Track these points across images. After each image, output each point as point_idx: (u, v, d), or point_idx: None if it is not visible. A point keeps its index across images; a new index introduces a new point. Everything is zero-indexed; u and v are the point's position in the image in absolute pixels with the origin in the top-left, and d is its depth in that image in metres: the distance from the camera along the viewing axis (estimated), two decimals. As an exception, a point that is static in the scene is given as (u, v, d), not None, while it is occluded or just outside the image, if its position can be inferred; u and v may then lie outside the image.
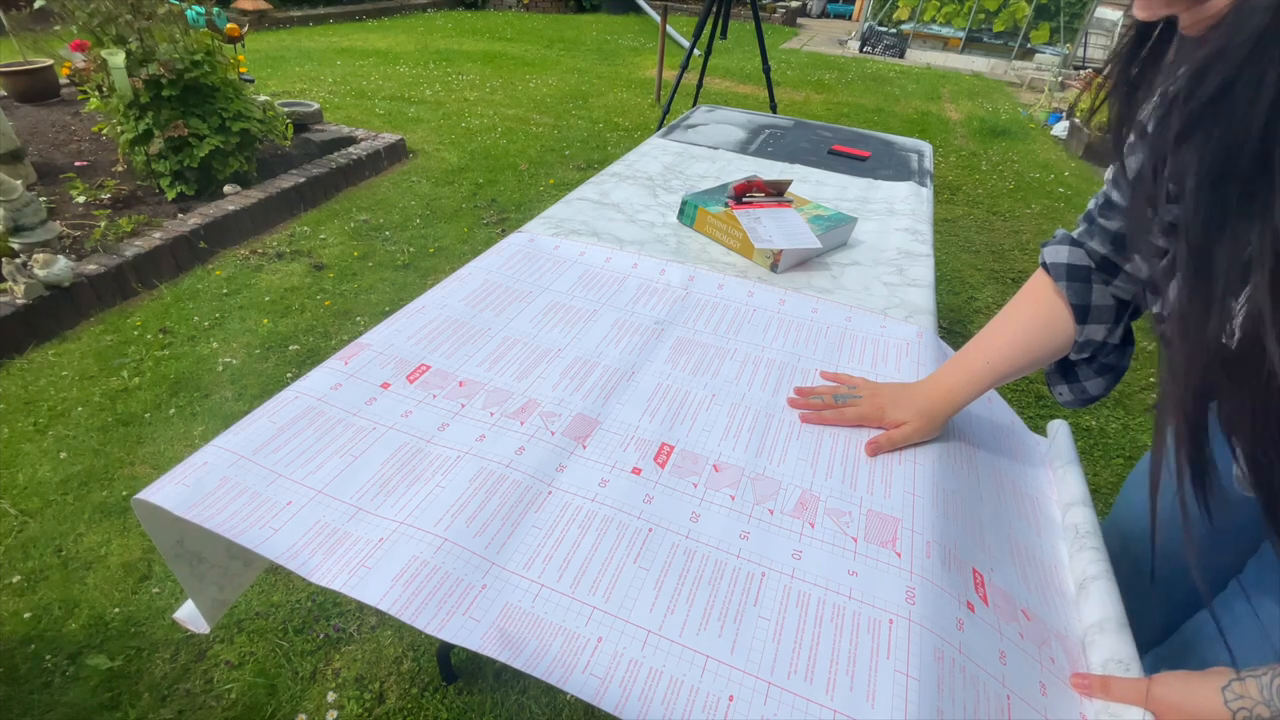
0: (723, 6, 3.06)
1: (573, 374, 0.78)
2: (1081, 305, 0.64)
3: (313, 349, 2.00)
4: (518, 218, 2.88)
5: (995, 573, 0.61)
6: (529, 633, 0.50)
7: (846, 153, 1.60)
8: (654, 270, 1.01)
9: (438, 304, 0.87)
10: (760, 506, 0.63)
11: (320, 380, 0.72)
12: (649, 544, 0.58)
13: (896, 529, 0.61)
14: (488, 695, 1.17)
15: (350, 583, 0.51)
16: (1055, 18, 7.31)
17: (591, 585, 0.54)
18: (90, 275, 2.05)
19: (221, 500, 0.57)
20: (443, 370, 0.76)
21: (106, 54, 2.28)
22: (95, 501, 1.46)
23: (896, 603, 0.54)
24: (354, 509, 0.58)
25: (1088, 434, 1.89)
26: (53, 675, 1.15)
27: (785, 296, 0.97)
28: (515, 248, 1.04)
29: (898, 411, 0.71)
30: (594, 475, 0.64)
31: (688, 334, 0.88)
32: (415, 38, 6.44)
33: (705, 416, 0.74)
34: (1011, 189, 3.71)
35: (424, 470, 0.63)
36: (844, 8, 10.24)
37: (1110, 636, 0.56)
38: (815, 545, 0.59)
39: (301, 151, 3.14)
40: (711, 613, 0.53)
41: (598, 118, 4.39)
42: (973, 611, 0.56)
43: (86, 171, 2.71)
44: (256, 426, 0.65)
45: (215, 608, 0.66)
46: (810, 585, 0.55)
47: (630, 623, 0.51)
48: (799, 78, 6.06)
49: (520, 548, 0.56)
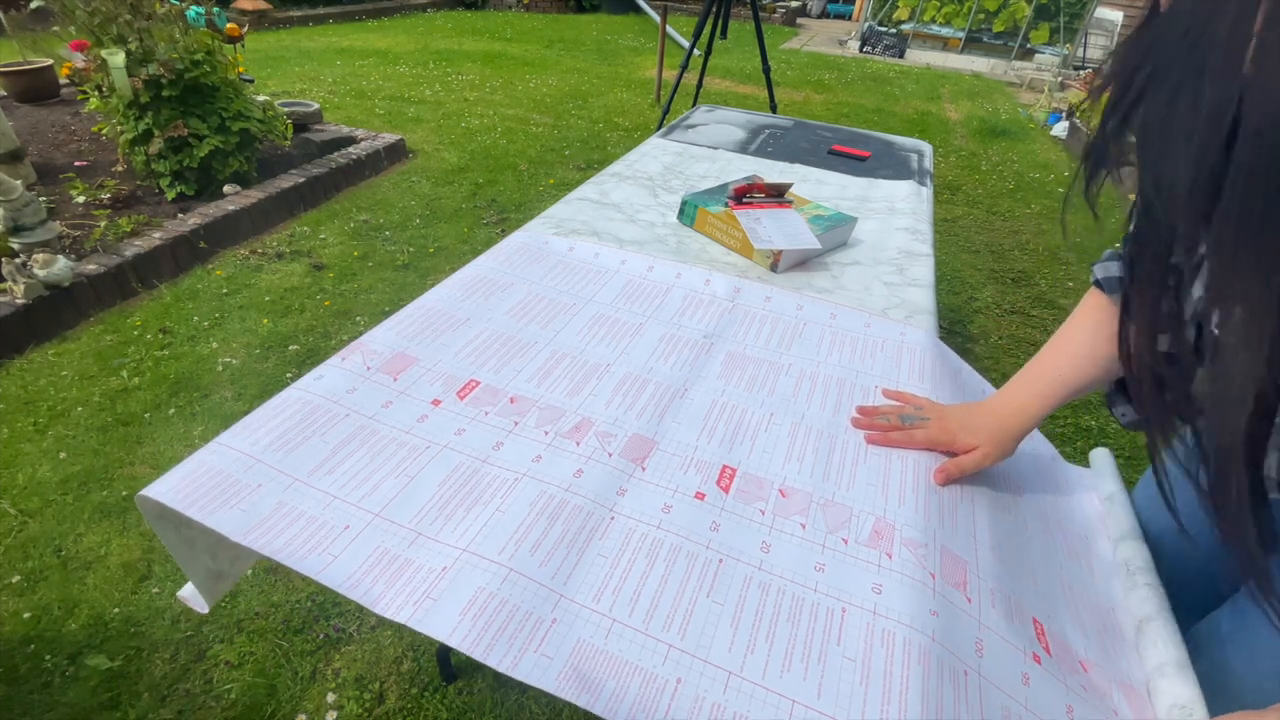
0: (723, 6, 3.06)
1: (625, 391, 0.76)
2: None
3: (313, 349, 2.00)
4: (518, 218, 2.88)
5: (1052, 621, 0.59)
6: (605, 672, 0.48)
7: (846, 153, 1.60)
8: (698, 281, 0.99)
9: (483, 316, 0.86)
10: (834, 535, 0.60)
11: (371, 397, 0.71)
12: (721, 576, 0.55)
13: (966, 571, 0.59)
14: (488, 695, 1.17)
15: (416, 616, 0.49)
16: (1055, 18, 7.31)
17: (665, 621, 0.51)
18: (90, 275, 2.05)
19: (278, 525, 0.55)
20: (493, 386, 0.75)
21: (106, 54, 2.28)
22: (95, 501, 1.46)
23: (968, 653, 0.52)
24: (414, 534, 0.56)
25: (1087, 434, 1.90)
26: (52, 675, 1.15)
27: (836, 311, 0.95)
28: (557, 257, 1.02)
29: (969, 435, 0.67)
30: (656, 500, 0.62)
31: (738, 348, 0.86)
32: (415, 38, 6.44)
33: (765, 437, 0.71)
34: (1011, 189, 3.71)
35: (482, 492, 0.61)
36: (844, 8, 10.24)
37: (1171, 681, 0.54)
38: (895, 579, 0.56)
39: (301, 151, 3.14)
40: (793, 652, 0.50)
41: (598, 118, 4.40)
42: (1038, 664, 0.54)
43: (86, 171, 2.71)
44: (310, 448, 0.63)
45: (212, 582, 0.65)
46: (895, 623, 0.52)
47: (709, 663, 0.49)
48: (799, 78, 6.06)
49: (587, 578, 0.54)
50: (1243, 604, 0.61)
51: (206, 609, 0.66)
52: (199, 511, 0.55)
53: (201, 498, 0.56)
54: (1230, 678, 0.58)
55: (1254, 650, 0.58)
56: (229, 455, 0.61)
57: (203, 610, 0.66)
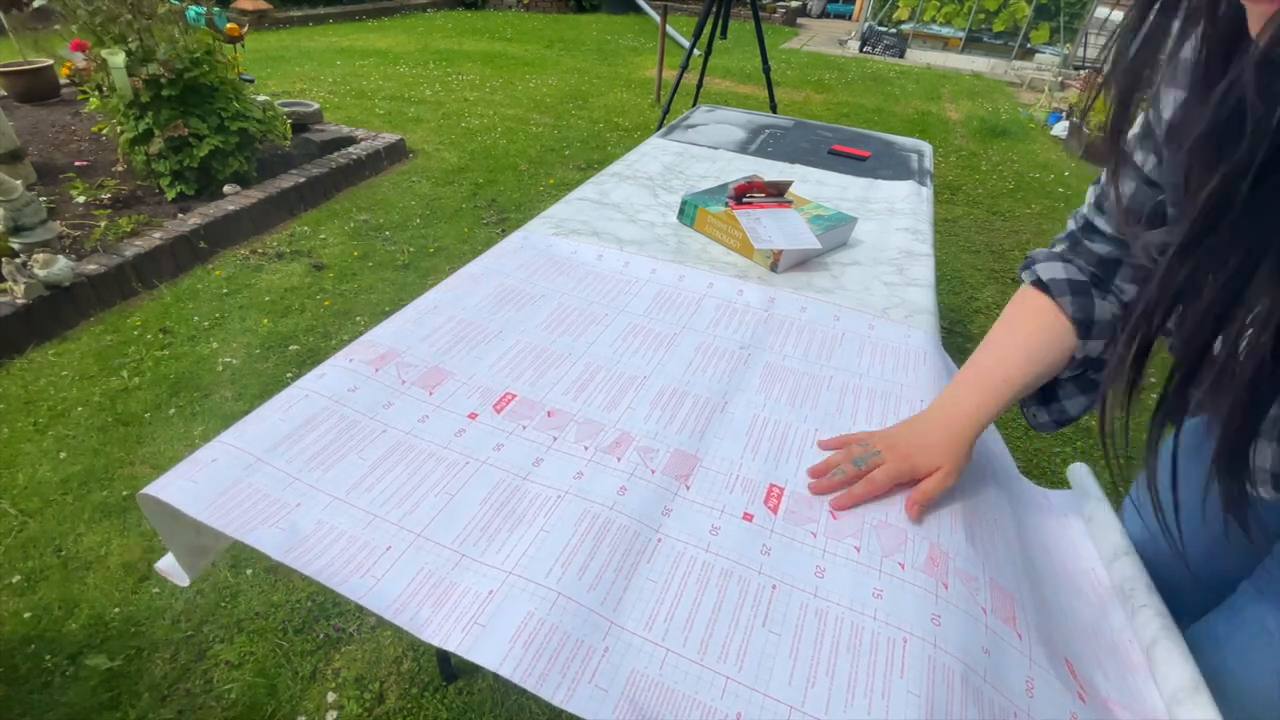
0: (723, 6, 3.06)
1: (663, 404, 0.75)
2: (1085, 320, 0.61)
3: (313, 349, 2.00)
4: (518, 218, 2.88)
5: (1079, 663, 0.57)
6: (662, 706, 0.46)
7: (847, 153, 1.60)
8: (731, 290, 0.97)
9: (516, 329, 0.85)
10: (889, 560, 0.57)
11: (407, 412, 0.69)
12: (775, 603, 0.53)
13: (1013, 606, 0.56)
14: (488, 695, 1.17)
15: (465, 642, 0.48)
16: (1055, 18, 7.31)
17: (721, 651, 0.49)
18: (90, 275, 2.05)
19: (319, 545, 0.54)
20: (529, 399, 0.73)
21: (106, 54, 2.28)
22: (95, 501, 1.46)
23: (1019, 694, 0.49)
24: (458, 555, 0.55)
25: (1087, 434, 1.89)
26: (53, 675, 1.15)
27: (874, 322, 0.93)
28: (586, 267, 1.01)
29: (925, 458, 0.63)
30: (703, 521, 0.60)
31: (776, 359, 0.84)
32: (415, 38, 6.44)
33: (812, 454, 0.69)
34: (1011, 189, 3.71)
35: (525, 511, 0.59)
36: (844, 8, 10.24)
37: (1189, 706, 0.53)
38: (952, 611, 0.53)
39: (301, 151, 3.14)
40: (856, 686, 0.48)
41: (598, 118, 4.40)
42: (1084, 703, 0.52)
43: (86, 171, 2.71)
44: (348, 465, 0.62)
45: (195, 556, 0.64)
46: (954, 659, 0.50)
47: (770, 696, 0.47)
48: (799, 78, 6.06)
49: (638, 604, 0.52)
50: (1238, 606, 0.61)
51: (187, 582, 0.64)
52: (238, 530, 0.54)
53: (241, 515, 0.55)
54: (1227, 680, 0.58)
55: (1250, 652, 0.58)
56: (267, 472, 0.60)
57: (183, 583, 0.64)
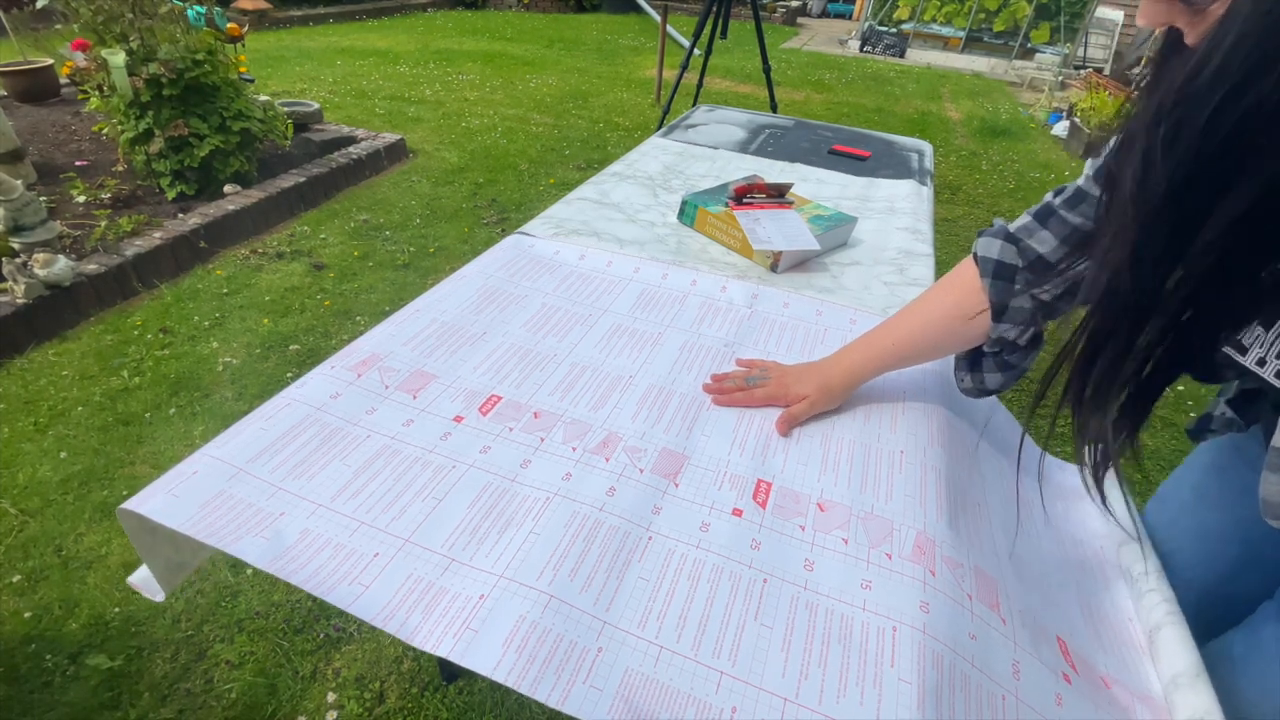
0: (723, 6, 3.06)
1: (650, 403, 0.75)
2: (1000, 304, 0.64)
3: (313, 349, 2.00)
4: (518, 217, 2.87)
5: (1074, 638, 0.58)
6: (657, 703, 0.46)
7: (847, 152, 1.60)
8: (714, 288, 0.98)
9: (499, 330, 0.84)
10: (877, 551, 0.58)
11: (392, 417, 0.69)
12: (766, 597, 0.54)
13: (997, 591, 0.57)
14: (488, 695, 1.17)
15: (457, 649, 0.48)
16: (1055, 18, 7.30)
17: (714, 646, 0.50)
18: (90, 275, 2.05)
19: (305, 554, 0.54)
20: (515, 401, 0.73)
21: (107, 53, 2.28)
22: (95, 501, 1.46)
23: (1005, 677, 0.50)
24: (447, 560, 0.54)
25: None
26: (53, 675, 1.15)
27: (855, 316, 0.94)
28: (569, 267, 1.01)
29: (799, 387, 0.73)
30: (693, 518, 0.61)
31: (761, 357, 0.84)
32: (415, 38, 6.44)
33: (798, 449, 0.70)
34: (1012, 189, 3.71)
35: (514, 514, 0.59)
36: (844, 7, 10.24)
37: (1187, 692, 0.53)
38: (941, 599, 0.54)
39: (302, 151, 3.14)
40: (848, 676, 0.48)
41: (598, 118, 4.39)
42: (1069, 684, 0.53)
43: (87, 171, 2.71)
44: (332, 471, 0.62)
45: (172, 571, 0.63)
46: (943, 646, 0.51)
47: (764, 690, 0.47)
48: (799, 77, 6.06)
49: (630, 603, 0.53)
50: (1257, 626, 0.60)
51: (162, 597, 0.63)
52: (222, 541, 0.53)
53: (224, 526, 0.54)
54: (1242, 702, 0.57)
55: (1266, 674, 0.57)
56: (250, 482, 0.59)
57: (158, 598, 0.63)
